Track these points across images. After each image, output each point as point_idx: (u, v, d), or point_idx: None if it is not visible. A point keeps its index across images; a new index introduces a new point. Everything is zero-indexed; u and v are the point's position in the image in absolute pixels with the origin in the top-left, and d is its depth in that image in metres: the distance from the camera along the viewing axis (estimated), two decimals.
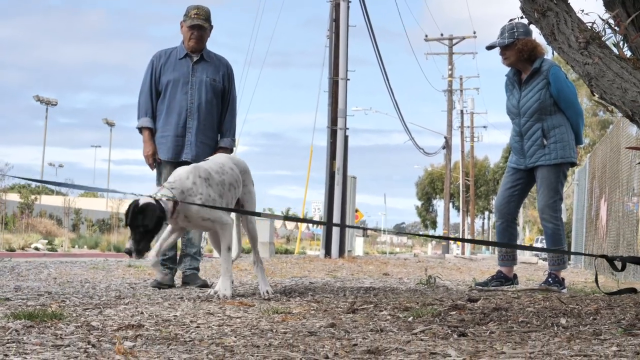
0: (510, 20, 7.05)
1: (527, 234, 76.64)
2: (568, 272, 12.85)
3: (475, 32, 56.22)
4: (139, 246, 5.82)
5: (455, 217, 79.01)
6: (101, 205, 54.48)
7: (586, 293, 7.00)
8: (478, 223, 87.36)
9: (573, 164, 7.65)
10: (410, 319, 4.72)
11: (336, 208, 21.04)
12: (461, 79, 62.81)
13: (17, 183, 52.63)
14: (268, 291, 6.44)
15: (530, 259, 24.23)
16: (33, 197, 40.52)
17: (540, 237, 58.29)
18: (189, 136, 7.41)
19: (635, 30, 5.01)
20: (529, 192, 8.07)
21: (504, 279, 7.78)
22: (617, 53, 4.77)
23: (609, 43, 4.83)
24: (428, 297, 6.29)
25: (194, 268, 7.59)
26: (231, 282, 6.24)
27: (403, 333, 4.14)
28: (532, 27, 5.33)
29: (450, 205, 61.42)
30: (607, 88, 4.64)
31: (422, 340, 3.90)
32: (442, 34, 57.03)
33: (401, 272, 12.38)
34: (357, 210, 34.21)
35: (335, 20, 21.61)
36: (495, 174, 79.82)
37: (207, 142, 7.46)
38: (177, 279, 7.65)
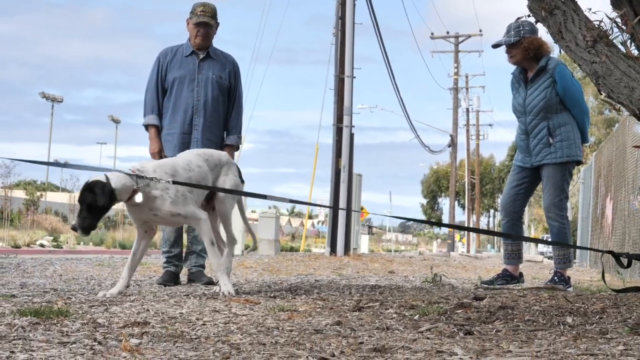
0: (517, 19, 7.06)
1: (533, 233, 76.50)
2: (574, 270, 12.84)
3: (481, 30, 56.35)
4: (84, 223, 5.75)
5: (460, 215, 78.99)
6: None
7: (592, 292, 7.00)
8: (483, 221, 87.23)
9: (579, 163, 7.64)
10: (416, 317, 4.71)
11: (342, 206, 21.03)
12: (467, 77, 62.76)
13: (22, 180, 52.68)
14: (228, 292, 6.10)
15: (535, 257, 24.23)
16: (38, 194, 40.58)
17: (546, 235, 58.19)
18: (195, 133, 7.41)
19: None
20: (535, 191, 8.06)
21: (509, 277, 7.77)
22: (624, 52, 4.77)
23: (616, 42, 4.83)
24: (434, 295, 6.29)
25: (199, 265, 7.60)
26: (228, 276, 6.18)
27: (409, 331, 4.14)
28: (539, 25, 5.32)
29: (456, 203, 61.43)
30: (614, 87, 4.64)
31: (428, 338, 3.90)
32: (448, 32, 57.05)
33: (407, 270, 12.38)
34: (362, 208, 34.22)
35: (342, 18, 21.62)
36: (501, 172, 79.78)
37: (213, 139, 7.45)
38: (183, 277, 7.66)
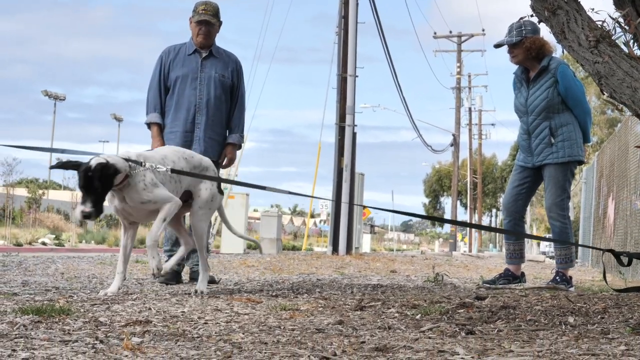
0: (520, 19, 7.05)
1: (535, 232, 76.49)
2: (575, 270, 12.83)
3: (484, 30, 56.22)
4: (96, 206, 5.60)
5: (462, 215, 78.90)
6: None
7: (594, 292, 7.00)
8: (485, 221, 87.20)
9: (581, 162, 7.64)
10: (418, 316, 4.72)
11: (344, 205, 21.03)
12: (469, 76, 62.78)
13: (24, 178, 52.70)
14: (201, 291, 6.15)
15: (537, 257, 24.23)
16: (40, 192, 40.58)
17: (548, 235, 58.24)
18: (197, 132, 7.41)
19: None
20: (537, 190, 8.06)
21: (511, 277, 7.77)
22: (627, 52, 4.77)
23: (619, 42, 4.82)
24: (436, 294, 6.29)
25: None
26: (157, 254, 5.97)
27: (411, 331, 4.15)
28: (541, 25, 5.32)
29: (458, 202, 61.41)
30: (617, 87, 4.64)
31: (430, 338, 3.90)
32: (450, 32, 57.03)
33: (408, 269, 12.38)
34: (364, 207, 34.18)
35: (344, 17, 21.59)
36: (503, 172, 79.74)
37: (215, 137, 7.45)
38: (185, 275, 7.66)
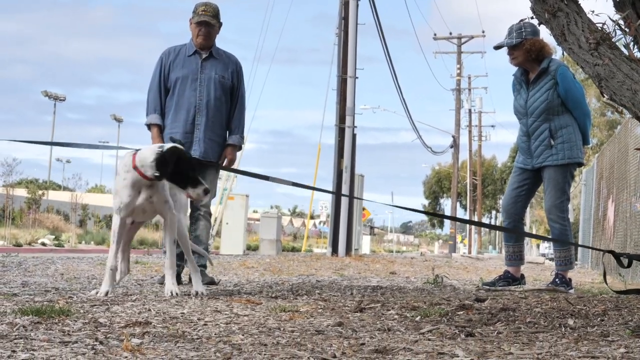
0: (520, 21, 7.05)
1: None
2: (575, 272, 12.83)
3: (484, 31, 56.27)
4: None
5: (462, 216, 78.95)
6: (108, 201, 54.43)
7: (593, 294, 7.00)
8: (485, 222, 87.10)
9: (580, 164, 7.64)
10: (417, 318, 4.72)
11: (343, 206, 21.04)
12: (469, 78, 62.81)
13: (24, 178, 52.65)
14: (201, 292, 6.16)
15: (537, 259, 24.24)
16: (40, 192, 40.51)
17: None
18: (197, 133, 7.41)
19: None
20: (536, 192, 8.06)
21: (511, 279, 7.77)
22: (627, 54, 4.77)
23: (619, 44, 4.82)
24: (435, 296, 6.29)
25: (201, 265, 7.58)
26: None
27: (410, 333, 4.14)
28: (541, 27, 5.32)
29: (458, 204, 61.39)
30: (617, 89, 4.63)
31: (429, 340, 3.90)
32: (450, 33, 57.06)
33: (408, 271, 12.38)
34: (364, 209, 34.22)
35: (345, 19, 21.61)
36: (503, 174, 79.74)
37: (215, 139, 7.45)
38: (184, 276, 7.65)
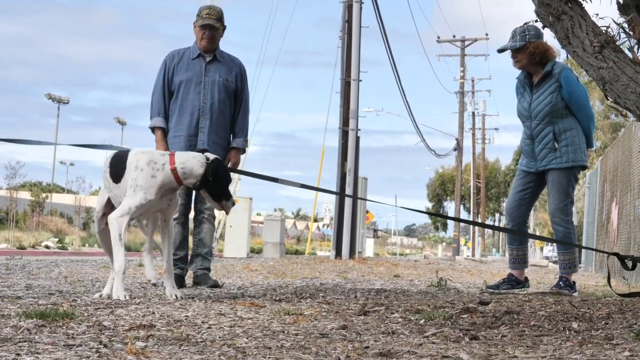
0: (524, 24, 7.05)
1: None
2: (579, 275, 12.81)
3: (487, 34, 56.34)
4: None
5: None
6: None
7: (598, 297, 6.99)
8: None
9: (584, 167, 7.64)
10: (421, 321, 4.71)
11: (347, 209, 21.06)
12: (473, 80, 62.80)
13: (28, 181, 52.72)
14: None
15: (540, 262, 24.20)
16: (44, 195, 40.55)
17: None
18: (201, 136, 7.41)
19: None
20: (540, 195, 8.05)
21: (515, 282, 7.76)
22: (631, 57, 4.77)
23: (623, 47, 4.82)
24: (439, 299, 6.28)
25: (205, 268, 7.60)
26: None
27: (415, 336, 4.14)
28: (545, 30, 5.32)
29: (461, 207, 61.40)
30: (621, 92, 4.63)
31: (433, 343, 3.90)
32: (454, 36, 57.16)
33: (412, 274, 12.37)
34: (367, 212, 34.22)
35: (348, 22, 21.62)
36: (506, 176, 79.73)
37: (219, 142, 7.45)
38: (188, 279, 7.66)
